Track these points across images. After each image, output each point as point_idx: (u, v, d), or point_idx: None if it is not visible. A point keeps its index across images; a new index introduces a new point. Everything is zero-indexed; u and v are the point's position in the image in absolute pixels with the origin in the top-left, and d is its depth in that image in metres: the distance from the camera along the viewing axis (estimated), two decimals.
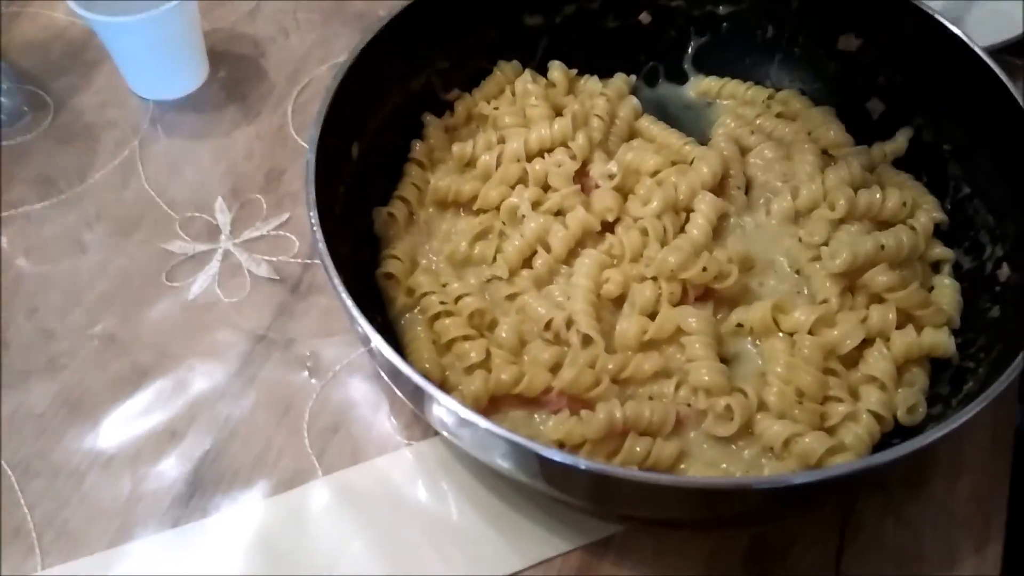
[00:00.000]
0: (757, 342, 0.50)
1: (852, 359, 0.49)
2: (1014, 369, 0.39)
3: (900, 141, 0.57)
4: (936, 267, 0.53)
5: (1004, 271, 0.49)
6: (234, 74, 0.68)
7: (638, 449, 0.45)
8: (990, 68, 0.50)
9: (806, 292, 0.51)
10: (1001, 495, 0.49)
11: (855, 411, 0.46)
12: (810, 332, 0.48)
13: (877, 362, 0.48)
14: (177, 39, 0.63)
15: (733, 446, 0.46)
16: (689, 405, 0.47)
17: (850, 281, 0.50)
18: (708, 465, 0.46)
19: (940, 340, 0.48)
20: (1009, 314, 0.47)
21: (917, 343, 0.48)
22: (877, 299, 0.50)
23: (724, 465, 0.46)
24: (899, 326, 0.48)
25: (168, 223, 0.59)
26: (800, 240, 0.53)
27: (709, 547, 0.47)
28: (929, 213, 0.53)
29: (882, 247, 0.49)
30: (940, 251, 0.53)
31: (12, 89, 0.66)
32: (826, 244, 0.51)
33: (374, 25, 0.52)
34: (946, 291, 0.51)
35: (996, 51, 0.61)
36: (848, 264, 0.48)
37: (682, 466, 0.46)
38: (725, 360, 0.49)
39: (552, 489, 0.43)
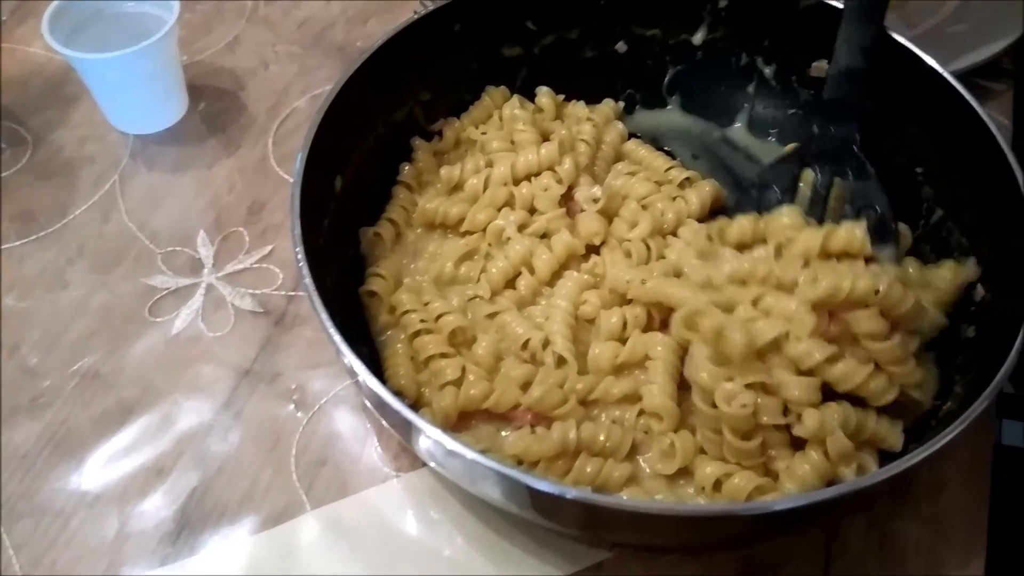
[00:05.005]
0: None
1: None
2: (991, 392, 0.40)
3: None
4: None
5: (979, 291, 0.50)
6: (214, 107, 0.68)
7: (588, 469, 0.45)
8: (958, 92, 0.52)
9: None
10: (983, 509, 0.50)
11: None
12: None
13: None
14: (157, 73, 0.63)
15: (676, 483, 0.47)
16: (646, 432, 0.48)
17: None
18: (646, 494, 0.46)
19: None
20: (984, 334, 0.48)
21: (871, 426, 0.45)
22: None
23: (659, 497, 0.46)
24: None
25: (150, 258, 0.59)
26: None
27: (699, 571, 0.48)
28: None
29: (876, 292, 0.44)
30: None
31: None
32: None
33: (355, 59, 0.53)
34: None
35: (965, 74, 0.62)
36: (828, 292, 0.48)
37: (627, 489, 0.46)
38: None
39: (540, 518, 0.44)
